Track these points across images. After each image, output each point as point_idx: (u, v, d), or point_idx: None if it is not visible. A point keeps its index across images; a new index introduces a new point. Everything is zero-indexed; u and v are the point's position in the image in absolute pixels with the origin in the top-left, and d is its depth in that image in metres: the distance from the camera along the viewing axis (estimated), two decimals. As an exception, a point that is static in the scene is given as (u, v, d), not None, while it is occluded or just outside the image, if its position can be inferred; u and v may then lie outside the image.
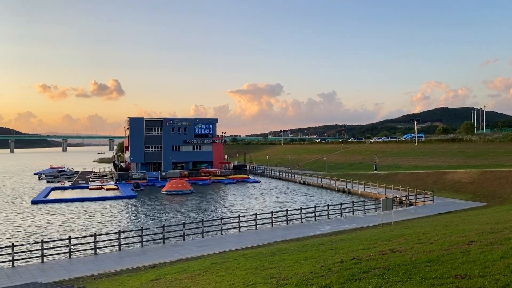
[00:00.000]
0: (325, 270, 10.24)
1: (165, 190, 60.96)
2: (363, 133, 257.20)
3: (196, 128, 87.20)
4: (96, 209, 47.32)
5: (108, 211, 45.99)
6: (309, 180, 70.90)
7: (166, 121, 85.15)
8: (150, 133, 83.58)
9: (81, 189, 67.61)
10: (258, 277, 10.85)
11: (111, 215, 43.20)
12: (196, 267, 16.42)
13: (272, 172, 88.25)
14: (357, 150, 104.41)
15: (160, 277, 14.79)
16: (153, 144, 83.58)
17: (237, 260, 16.10)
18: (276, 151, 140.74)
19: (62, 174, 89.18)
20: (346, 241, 18.36)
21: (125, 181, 74.45)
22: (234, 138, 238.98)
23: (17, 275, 21.11)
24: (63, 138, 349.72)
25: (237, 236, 29.59)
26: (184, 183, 62.78)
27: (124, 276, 18.68)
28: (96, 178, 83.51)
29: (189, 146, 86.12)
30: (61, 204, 51.41)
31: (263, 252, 17.89)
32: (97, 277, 19.40)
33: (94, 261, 23.76)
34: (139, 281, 14.87)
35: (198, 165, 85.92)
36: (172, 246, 26.88)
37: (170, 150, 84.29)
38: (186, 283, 12.02)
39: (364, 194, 54.44)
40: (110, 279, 18.33)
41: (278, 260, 14.06)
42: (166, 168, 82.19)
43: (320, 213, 37.73)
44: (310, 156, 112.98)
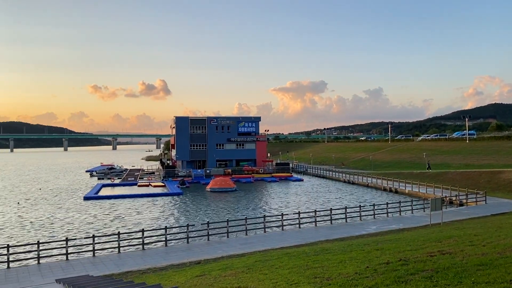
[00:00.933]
0: (370, 271, 10.03)
1: (209, 188, 61.93)
2: (411, 130, 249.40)
3: (239, 126, 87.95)
4: (144, 205, 48.83)
5: (155, 207, 47.31)
6: (354, 179, 69.67)
7: (210, 120, 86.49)
8: (195, 131, 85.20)
9: (129, 186, 69.97)
10: (301, 277, 10.79)
11: (158, 212, 44.42)
12: (239, 264, 16.56)
13: (316, 171, 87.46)
14: (404, 148, 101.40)
15: (205, 273, 15.05)
16: (198, 142, 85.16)
17: (280, 259, 16.09)
18: (320, 149, 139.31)
19: (112, 172, 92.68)
20: (393, 242, 17.88)
21: (171, 178, 76.31)
22: (277, 136, 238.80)
23: (70, 268, 22.18)
24: (113, 137, 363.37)
25: (280, 235, 29.57)
26: (227, 181, 63.51)
27: (170, 271, 19.16)
28: (144, 175, 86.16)
29: (233, 144, 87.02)
30: (111, 200, 53.45)
31: (307, 251, 17.77)
32: (145, 271, 20.01)
33: (142, 256, 24.52)
34: (185, 277, 15.19)
35: (241, 163, 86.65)
36: (216, 243, 27.27)
37: (214, 148, 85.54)
38: (230, 280, 12.15)
39: (411, 193, 52.81)
40: (157, 273, 18.85)
41: (322, 260, 13.91)
42: (210, 166, 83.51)
43: (365, 212, 36.98)
44: (355, 154, 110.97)
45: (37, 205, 49.54)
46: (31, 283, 19.21)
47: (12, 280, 20.00)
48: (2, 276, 20.90)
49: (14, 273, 21.54)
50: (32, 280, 19.86)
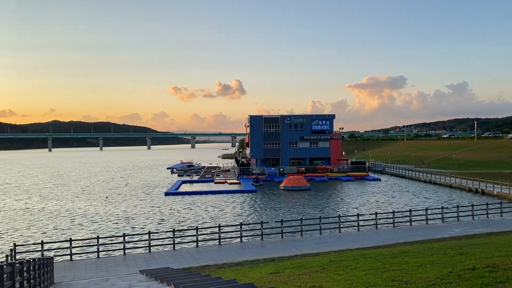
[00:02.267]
0: (454, 276, 9.43)
1: (283, 186, 62.16)
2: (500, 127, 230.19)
3: (313, 124, 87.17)
4: (220, 201, 50.28)
5: (231, 204, 48.51)
6: (436, 179, 65.97)
7: (283, 118, 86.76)
8: (268, 130, 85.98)
9: (207, 182, 72.49)
10: (378, 279, 10.45)
11: (233, 208, 45.50)
12: (314, 263, 16.43)
13: (394, 170, 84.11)
14: (492, 146, 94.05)
15: (279, 271, 15.13)
16: (272, 141, 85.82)
17: (356, 260, 15.71)
18: (398, 148, 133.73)
19: (191, 169, 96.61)
20: (479, 246, 16.67)
21: (246, 176, 77.73)
22: (352, 134, 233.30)
23: (152, 260, 23.49)
24: (191, 136, 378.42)
25: (356, 235, 28.87)
26: (301, 179, 63.30)
27: (245, 267, 19.53)
28: (220, 172, 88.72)
29: (306, 143, 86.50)
30: (190, 196, 55.74)
31: (384, 253, 17.16)
32: (221, 266, 20.60)
33: (218, 251, 25.28)
34: (259, 273, 15.40)
35: (315, 161, 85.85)
36: (290, 241, 27.31)
37: (288, 147, 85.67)
38: (304, 279, 12.10)
39: (501, 195, 48.82)
40: (233, 269, 19.32)
41: (400, 263, 13.36)
42: (283, 164, 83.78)
43: (448, 214, 34.87)
44: (437, 153, 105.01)
45: (124, 200, 53.09)
46: (118, 272, 20.63)
47: (101, 269, 21.64)
48: (93, 265, 22.70)
49: (103, 262, 23.29)
50: (119, 270, 21.33)
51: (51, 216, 42.29)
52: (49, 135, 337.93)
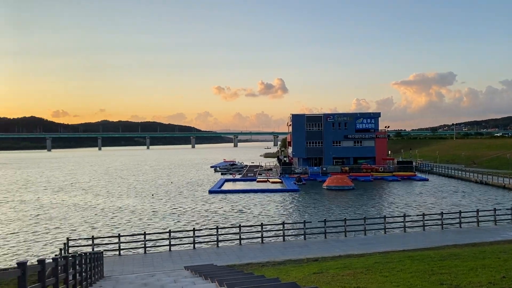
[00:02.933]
0: (508, 282, 8.98)
1: (326, 185, 61.47)
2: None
3: (357, 122, 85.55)
4: (262, 200, 50.45)
5: (273, 203, 48.55)
6: (488, 179, 62.97)
7: (326, 116, 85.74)
8: (311, 128, 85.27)
9: (249, 181, 72.94)
10: (425, 282, 10.12)
11: (275, 207, 45.52)
12: (358, 264, 16.15)
13: (443, 170, 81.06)
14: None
15: (322, 271, 14.99)
16: (314, 140, 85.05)
17: (402, 262, 15.29)
18: (447, 147, 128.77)
19: (234, 167, 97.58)
20: (536, 252, 15.75)
21: (288, 175, 77.53)
22: (399, 133, 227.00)
23: (197, 256, 23.94)
24: (234, 135, 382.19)
25: (402, 237, 28.09)
26: (345, 179, 62.35)
27: (288, 266, 19.50)
28: (262, 171, 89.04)
29: (350, 142, 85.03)
30: (233, 194, 56.30)
31: (432, 256, 16.59)
32: (264, 264, 20.68)
33: (261, 249, 25.38)
34: (302, 273, 15.33)
35: (359, 160, 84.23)
36: (333, 241, 26.98)
37: (331, 146, 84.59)
38: (348, 280, 11.93)
39: (560, 197, 45.88)
40: (275, 267, 19.34)
41: (449, 266, 12.88)
42: (326, 163, 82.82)
43: (501, 216, 33.20)
44: (489, 152, 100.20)
45: (169, 197, 54.43)
46: (164, 268, 21.19)
47: (148, 264, 22.32)
48: (140, 260, 23.45)
49: (149, 258, 24.01)
50: (165, 265, 21.91)
51: (101, 212, 44.07)
52: (99, 134, 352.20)
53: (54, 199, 55.03)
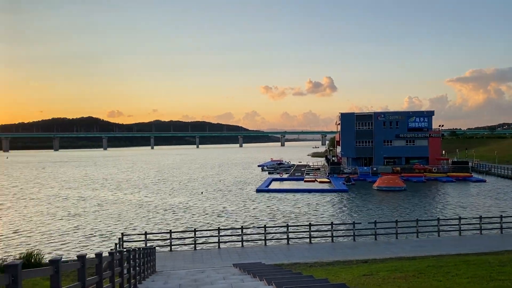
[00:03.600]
0: None
1: (376, 186, 60.03)
2: None
3: (410, 121, 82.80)
4: (310, 200, 50.09)
5: (321, 203, 48.07)
6: (553, 181, 58.93)
7: (377, 115, 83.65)
8: (361, 127, 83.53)
9: (297, 180, 72.65)
10: (483, 288, 9.65)
11: (323, 207, 45.05)
12: (410, 267, 15.67)
13: (502, 171, 76.72)
14: None
15: (372, 273, 14.68)
16: (364, 139, 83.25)
17: (457, 266, 14.66)
18: (508, 146, 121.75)
19: (281, 167, 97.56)
20: None
21: (337, 175, 76.45)
22: (454, 132, 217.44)
23: (245, 254, 24.18)
24: (281, 134, 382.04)
25: (457, 240, 26.89)
26: (396, 179, 60.59)
27: (336, 267, 19.25)
28: (310, 171, 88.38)
29: (402, 141, 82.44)
30: (280, 193, 56.32)
31: (490, 261, 15.77)
32: (312, 265, 20.54)
33: (309, 249, 25.21)
34: (352, 274, 15.09)
35: (412, 161, 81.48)
36: (383, 243, 26.32)
37: (381, 145, 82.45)
38: (399, 283, 11.60)
39: None
40: (324, 268, 19.16)
41: (509, 272, 12.19)
42: (377, 163, 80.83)
43: None
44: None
45: (218, 195, 55.33)
46: (213, 264, 21.59)
47: (198, 261, 22.82)
48: (190, 256, 24.03)
49: (199, 254, 24.54)
50: (214, 262, 22.31)
51: (154, 209, 45.56)
52: (151, 134, 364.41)
53: (111, 196, 57.54)
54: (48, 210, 45.66)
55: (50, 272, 5.68)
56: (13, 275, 4.55)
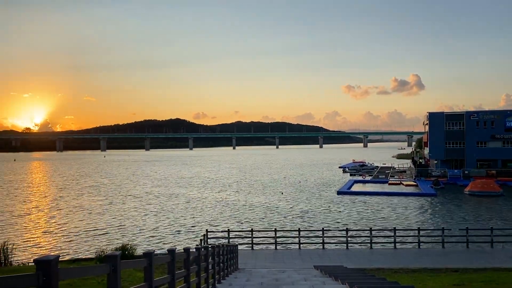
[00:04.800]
0: None
1: (468, 190, 55.92)
2: None
3: (507, 121, 75.83)
4: (395, 204, 48.09)
5: (407, 207, 45.95)
6: None
7: (469, 114, 77.84)
8: (451, 128, 78.32)
9: (380, 183, 70.15)
10: None
11: (409, 212, 43.03)
12: (507, 279, 14.42)
13: None
14: None
15: (464, 283, 13.75)
16: (454, 140, 77.91)
17: None
18: None
19: (363, 168, 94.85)
20: None
21: (424, 178, 72.51)
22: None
23: (326, 257, 23.90)
24: (364, 135, 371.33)
25: None
26: (491, 184, 55.93)
27: (423, 274, 18.32)
28: (395, 173, 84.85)
29: (498, 142, 75.78)
30: (362, 196, 54.78)
31: None
32: (397, 271, 19.73)
33: (393, 254, 24.25)
34: (441, 283, 14.26)
35: (510, 163, 74.61)
36: (476, 252, 24.46)
37: (474, 147, 76.52)
38: (495, 296, 10.74)
39: None
40: (409, 275, 18.32)
41: None
42: (469, 166, 75.19)
43: None
44: None
45: (298, 196, 55.30)
46: (294, 265, 21.64)
47: (278, 261, 23.02)
48: (271, 256, 24.33)
49: (280, 254, 24.74)
50: (294, 262, 22.36)
51: (237, 207, 46.81)
52: (233, 134, 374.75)
53: (198, 193, 60.16)
54: (141, 206, 48.95)
55: (144, 264, 6.12)
56: (113, 265, 4.95)
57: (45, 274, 3.52)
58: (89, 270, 5.21)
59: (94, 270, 5.29)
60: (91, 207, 48.59)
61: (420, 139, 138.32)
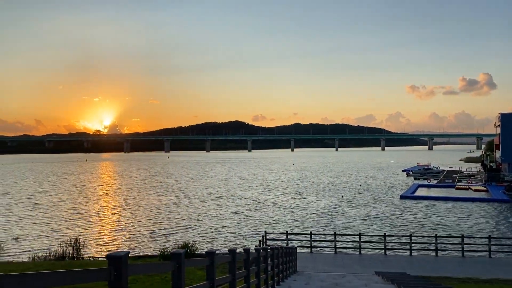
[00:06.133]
0: None
1: (547, 197, 51.63)
2: None
3: None
4: (462, 210, 45.53)
5: (476, 213, 43.33)
6: None
7: (548, 115, 71.96)
8: (526, 129, 72.82)
9: (447, 188, 66.73)
10: None
11: (479, 218, 40.55)
12: None
13: None
14: None
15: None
16: (531, 143, 72.36)
17: None
18: None
19: (428, 172, 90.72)
20: None
21: (495, 183, 67.98)
22: None
23: (388, 263, 23.15)
24: (429, 137, 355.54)
25: None
26: None
27: (495, 286, 17.22)
28: (462, 177, 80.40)
29: None
30: (427, 201, 52.39)
31: None
32: (465, 280, 18.69)
33: (460, 263, 23.01)
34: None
35: None
36: (557, 264, 22.53)
37: (554, 150, 70.62)
38: None
39: None
40: (479, 285, 17.29)
41: None
42: (548, 171, 69.49)
43: None
44: None
45: (358, 200, 54.02)
46: (354, 270, 21.16)
47: (338, 265, 22.63)
48: (330, 260, 23.97)
49: (339, 259, 24.30)
50: (355, 268, 21.85)
51: (296, 209, 46.63)
52: (291, 136, 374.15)
53: (258, 195, 60.66)
54: (203, 206, 50.21)
55: (207, 263, 6.27)
56: (178, 262, 5.11)
57: (116, 269, 3.72)
58: (155, 267, 5.44)
59: (159, 267, 5.52)
60: (157, 206, 50.61)
61: (491, 142, 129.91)
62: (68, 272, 3.15)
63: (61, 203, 53.25)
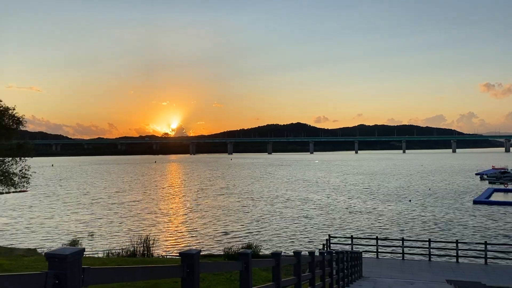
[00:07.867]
0: None
1: None
2: None
3: None
4: (545, 217, 41.95)
5: (562, 221, 39.74)
6: None
7: None
8: None
9: (526, 193, 61.90)
10: None
11: None
12: None
13: None
14: None
15: None
16: None
17: None
18: None
19: (505, 176, 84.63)
20: None
21: None
22: None
23: (460, 271, 21.90)
24: (506, 138, 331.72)
25: None
26: None
27: None
28: (544, 182, 74.06)
29: None
30: (504, 207, 48.92)
31: None
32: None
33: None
34: None
35: None
36: None
37: None
38: None
39: None
40: None
41: None
42: None
43: None
44: None
45: (427, 204, 51.59)
46: (423, 277, 20.27)
47: (406, 271, 21.79)
48: (397, 266, 23.14)
49: (407, 265, 23.38)
50: (424, 275, 20.91)
51: (360, 213, 45.58)
52: (355, 138, 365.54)
53: (322, 197, 60.06)
54: (268, 208, 50.60)
55: (272, 264, 6.35)
56: (245, 262, 5.24)
57: (188, 266, 3.92)
58: (224, 265, 5.63)
59: (228, 266, 5.69)
60: (222, 207, 51.82)
61: None
62: (147, 268, 3.40)
63: (133, 203, 56.25)
